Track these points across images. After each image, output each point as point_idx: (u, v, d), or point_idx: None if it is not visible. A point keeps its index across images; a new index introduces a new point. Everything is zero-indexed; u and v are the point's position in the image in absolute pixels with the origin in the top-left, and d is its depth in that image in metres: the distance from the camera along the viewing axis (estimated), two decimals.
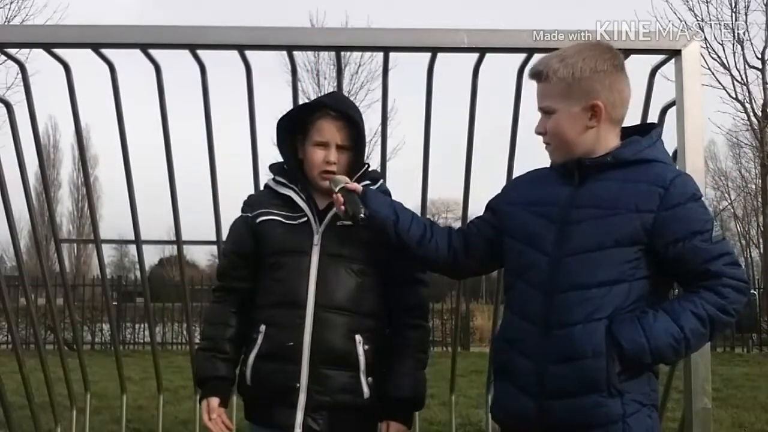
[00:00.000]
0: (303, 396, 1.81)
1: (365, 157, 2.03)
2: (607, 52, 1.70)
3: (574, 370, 1.57)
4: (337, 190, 1.86)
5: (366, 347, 1.85)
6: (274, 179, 2.00)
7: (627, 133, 1.74)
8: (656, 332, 1.54)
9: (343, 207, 1.83)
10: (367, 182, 1.97)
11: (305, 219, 1.91)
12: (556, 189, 1.72)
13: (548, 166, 1.83)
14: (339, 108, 1.93)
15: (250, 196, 2.04)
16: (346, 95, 2.78)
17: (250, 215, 1.96)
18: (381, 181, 2.03)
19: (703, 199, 1.66)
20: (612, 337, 1.55)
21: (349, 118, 1.92)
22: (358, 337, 1.85)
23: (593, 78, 1.65)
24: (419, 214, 2.06)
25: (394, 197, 2.08)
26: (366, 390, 1.85)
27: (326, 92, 2.52)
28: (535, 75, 1.72)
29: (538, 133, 1.76)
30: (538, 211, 1.71)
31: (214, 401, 1.90)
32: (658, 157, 1.68)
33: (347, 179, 1.89)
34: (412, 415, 1.95)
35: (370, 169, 2.02)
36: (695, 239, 1.57)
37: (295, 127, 1.98)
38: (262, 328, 1.87)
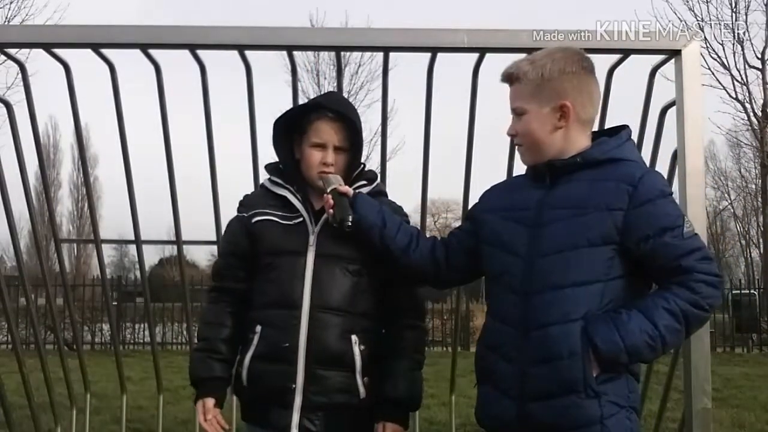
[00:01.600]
0: (299, 396, 1.81)
1: (365, 158, 2.02)
2: (576, 54, 1.74)
3: (552, 371, 1.57)
4: (328, 191, 1.86)
5: (362, 347, 1.85)
6: (270, 179, 2.00)
7: (598, 136, 1.76)
8: (630, 331, 1.54)
9: (332, 210, 1.84)
10: (363, 182, 1.97)
11: (301, 219, 1.90)
12: (528, 193, 1.74)
13: (523, 174, 1.85)
14: (337, 109, 1.92)
15: (246, 196, 2.04)
16: (346, 95, 2.78)
17: (245, 215, 1.95)
18: (377, 181, 2.03)
19: (672, 195, 1.67)
20: (587, 337, 1.55)
21: (347, 119, 1.92)
22: (353, 338, 1.85)
23: (562, 79, 1.68)
24: (419, 215, 2.07)
25: (393, 197, 2.08)
26: (362, 390, 1.85)
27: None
28: (507, 77, 1.76)
29: (510, 134, 1.79)
30: (510, 215, 1.73)
31: (210, 402, 1.89)
32: (627, 156, 1.70)
33: (340, 180, 1.89)
34: (408, 415, 1.95)
35: (366, 170, 2.02)
36: (665, 235, 1.57)
37: (292, 128, 1.98)
38: (258, 328, 1.87)
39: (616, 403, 1.58)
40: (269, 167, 2.03)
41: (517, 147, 1.80)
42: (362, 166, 2.01)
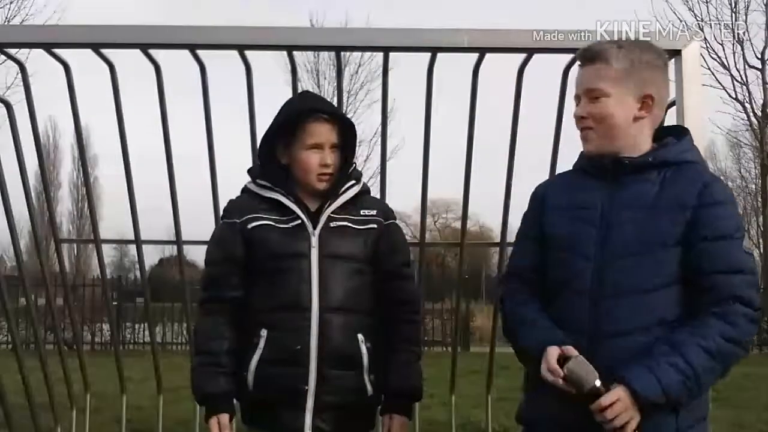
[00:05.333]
0: (311, 398, 1.81)
1: (365, 158, 2.03)
2: (660, 50, 1.72)
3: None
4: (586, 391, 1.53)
5: (368, 345, 1.87)
6: (256, 183, 1.96)
7: (656, 134, 1.71)
8: (665, 373, 1.47)
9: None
10: (353, 182, 1.96)
11: (299, 222, 1.89)
12: (592, 191, 1.66)
13: (570, 169, 1.78)
14: (329, 109, 1.93)
15: (231, 202, 1.99)
16: (346, 95, 2.78)
17: (238, 221, 1.91)
18: (363, 182, 2.01)
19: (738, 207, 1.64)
20: (626, 384, 1.47)
21: (341, 118, 1.94)
22: (360, 336, 1.86)
23: (650, 71, 1.65)
24: (419, 215, 2.05)
25: (394, 197, 2.09)
26: (369, 388, 1.87)
27: (325, 92, 2.51)
28: (593, 56, 1.66)
29: (580, 116, 1.68)
30: (577, 215, 1.65)
31: (225, 418, 1.86)
32: (697, 160, 1.67)
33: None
34: (412, 407, 1.98)
35: (352, 169, 1.99)
36: (721, 241, 1.54)
37: (274, 134, 1.96)
38: (264, 332, 1.85)
39: (691, 416, 1.55)
40: (253, 171, 2.00)
41: (582, 131, 1.69)
42: (353, 165, 1.99)
